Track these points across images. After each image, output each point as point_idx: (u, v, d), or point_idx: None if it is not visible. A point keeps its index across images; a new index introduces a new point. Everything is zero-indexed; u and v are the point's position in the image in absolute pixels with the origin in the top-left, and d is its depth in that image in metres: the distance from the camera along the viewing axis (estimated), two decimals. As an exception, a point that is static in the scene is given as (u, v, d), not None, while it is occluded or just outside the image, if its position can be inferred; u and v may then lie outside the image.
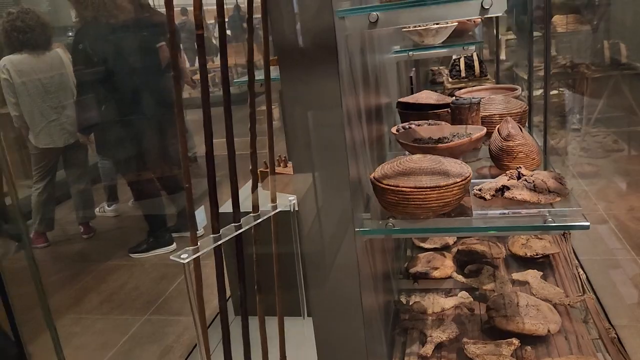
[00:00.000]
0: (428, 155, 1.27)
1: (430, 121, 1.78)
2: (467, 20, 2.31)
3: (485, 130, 1.49)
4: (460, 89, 3.62)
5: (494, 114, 1.72)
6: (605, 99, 3.91)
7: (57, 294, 3.25)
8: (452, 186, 1.15)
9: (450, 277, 1.80)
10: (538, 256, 1.87)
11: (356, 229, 1.17)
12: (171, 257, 1.39)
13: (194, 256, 1.40)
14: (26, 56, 3.52)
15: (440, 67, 4.31)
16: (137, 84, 3.34)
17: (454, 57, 3.66)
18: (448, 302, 1.66)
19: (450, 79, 3.55)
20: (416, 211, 1.17)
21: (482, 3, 1.02)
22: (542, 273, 1.79)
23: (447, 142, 1.45)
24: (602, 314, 2.05)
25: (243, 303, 1.60)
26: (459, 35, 2.24)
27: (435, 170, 1.19)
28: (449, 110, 1.69)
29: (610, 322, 2.02)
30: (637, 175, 3.55)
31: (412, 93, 2.99)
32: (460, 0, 1.04)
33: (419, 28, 2.07)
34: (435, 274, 1.81)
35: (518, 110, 1.73)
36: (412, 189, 1.15)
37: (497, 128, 1.50)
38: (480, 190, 1.22)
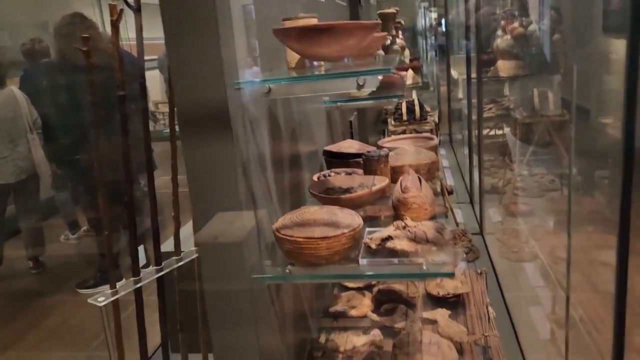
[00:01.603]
0: (325, 207, 1.41)
1: (349, 169, 1.93)
2: (394, 73, 2.49)
3: (387, 181, 1.64)
4: (401, 132, 3.83)
5: (405, 165, 1.88)
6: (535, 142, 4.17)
7: (1, 330, 3.25)
8: (340, 237, 1.28)
9: (366, 316, 1.92)
10: (449, 295, 2.01)
11: (256, 275, 1.29)
12: (89, 300, 1.48)
13: (112, 299, 1.50)
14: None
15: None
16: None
17: (397, 101, 3.88)
18: (360, 340, 1.77)
19: (393, 122, 3.74)
20: (309, 259, 1.30)
21: (357, 80, 1.17)
22: (450, 312, 1.92)
23: (351, 193, 1.59)
24: (517, 350, 2.20)
25: (165, 341, 1.69)
26: (388, 87, 2.42)
27: (327, 222, 1.32)
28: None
29: (523, 358, 2.17)
30: (563, 214, 3.78)
31: (352, 137, 3.17)
32: (339, 77, 1.19)
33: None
34: (353, 312, 1.93)
35: (427, 162, 1.90)
36: (304, 239, 1.28)
37: (399, 180, 1.66)
38: (370, 239, 1.35)
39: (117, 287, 1.51)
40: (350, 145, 2.10)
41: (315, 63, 1.35)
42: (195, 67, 1.13)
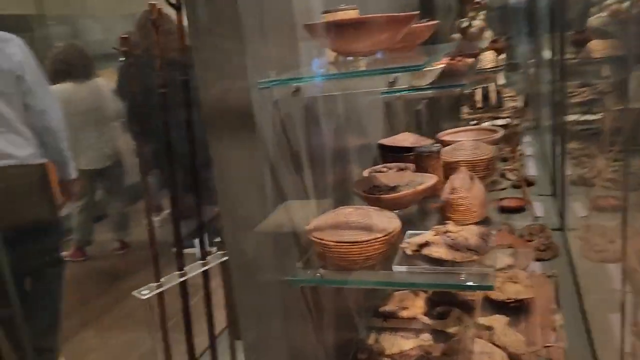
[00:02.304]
0: (361, 209, 1.35)
1: (402, 165, 1.84)
2: (457, 60, 2.35)
3: (435, 180, 1.54)
4: (475, 119, 3.63)
5: (461, 160, 1.77)
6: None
7: (84, 307, 3.49)
8: (372, 241, 1.22)
9: (416, 318, 1.84)
10: (510, 300, 1.88)
11: (287, 277, 1.27)
12: (133, 293, 1.53)
13: (156, 292, 1.54)
14: (68, 85, 3.83)
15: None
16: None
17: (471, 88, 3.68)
18: (408, 344, 1.70)
19: (466, 110, 3.56)
20: (341, 263, 1.25)
21: (388, 78, 1.10)
22: (508, 319, 1.80)
23: (396, 192, 1.51)
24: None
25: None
26: (450, 75, 2.29)
27: (360, 225, 1.27)
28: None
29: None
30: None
31: (419, 128, 3.05)
32: (369, 75, 1.12)
33: (404, 71, 2.14)
34: (404, 313, 1.86)
35: (485, 157, 1.77)
36: (335, 243, 1.23)
37: (449, 179, 1.56)
38: (407, 244, 1.28)
39: (162, 280, 1.55)
40: (405, 139, 2.00)
41: (351, 58, 1.28)
42: (219, 67, 1.11)
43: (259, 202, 1.18)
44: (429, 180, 1.55)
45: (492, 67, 4.82)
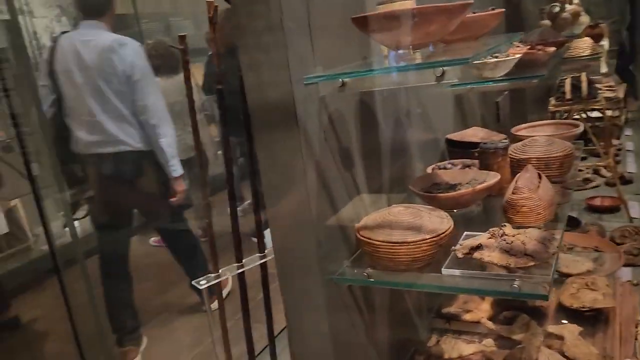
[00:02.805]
0: (412, 208, 1.30)
1: (468, 161, 1.76)
2: (537, 49, 2.20)
3: (497, 178, 1.45)
4: (565, 112, 3.40)
5: (532, 158, 1.65)
6: None
7: (167, 290, 3.69)
8: (419, 242, 1.17)
9: (479, 322, 1.75)
10: (585, 309, 1.74)
11: (333, 276, 1.25)
12: (192, 282, 1.59)
13: (214, 282, 1.58)
14: (158, 80, 4.04)
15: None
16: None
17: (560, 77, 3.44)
18: (468, 349, 1.63)
19: (554, 101, 3.33)
20: (388, 264, 1.21)
21: (434, 72, 1.04)
22: (582, 329, 1.66)
23: (455, 190, 1.44)
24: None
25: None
26: (528, 65, 2.14)
27: (409, 225, 1.22)
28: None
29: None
30: None
31: (498, 121, 2.89)
32: (417, 69, 1.07)
33: (476, 62, 2.03)
34: (467, 317, 1.78)
35: (559, 154, 1.64)
36: (381, 243, 1.19)
37: (515, 177, 1.46)
38: (460, 246, 1.22)
39: (220, 271, 1.59)
40: (474, 134, 1.91)
41: (402, 51, 1.23)
42: (262, 63, 1.11)
43: (303, 199, 1.17)
44: (491, 178, 1.46)
45: (588, 55, 4.47)
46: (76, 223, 4.37)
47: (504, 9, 1.48)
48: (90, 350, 2.70)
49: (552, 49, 2.21)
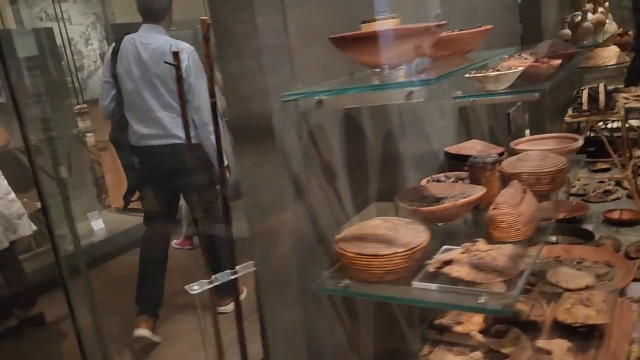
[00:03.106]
0: (391, 221, 1.33)
1: (463, 174, 1.77)
2: (542, 62, 2.20)
3: (481, 193, 1.47)
4: (579, 124, 3.35)
5: (523, 172, 1.66)
6: None
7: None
8: (392, 256, 1.20)
9: (469, 334, 1.76)
10: (578, 325, 1.73)
11: (313, 286, 1.29)
12: (185, 287, 1.65)
13: (206, 287, 1.64)
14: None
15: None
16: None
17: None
18: (455, 360, 1.65)
19: (570, 112, 3.29)
20: (363, 275, 1.25)
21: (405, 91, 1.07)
22: (571, 344, 1.65)
23: (439, 204, 1.47)
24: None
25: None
26: (531, 78, 2.14)
27: (384, 238, 1.25)
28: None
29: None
30: None
31: (509, 133, 2.88)
32: (387, 89, 1.11)
33: (478, 75, 2.04)
34: (458, 328, 1.79)
35: (551, 169, 1.64)
36: (356, 255, 1.23)
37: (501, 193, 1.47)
38: (432, 261, 1.24)
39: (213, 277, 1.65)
40: (471, 147, 1.92)
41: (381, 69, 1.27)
42: (242, 81, 1.17)
43: (282, 213, 1.22)
44: (476, 193, 1.48)
45: (614, 64, 4.39)
46: (100, 223, 4.54)
47: (491, 26, 1.50)
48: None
49: (558, 61, 2.21)
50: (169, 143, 2.90)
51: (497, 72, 2.01)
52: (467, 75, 2.09)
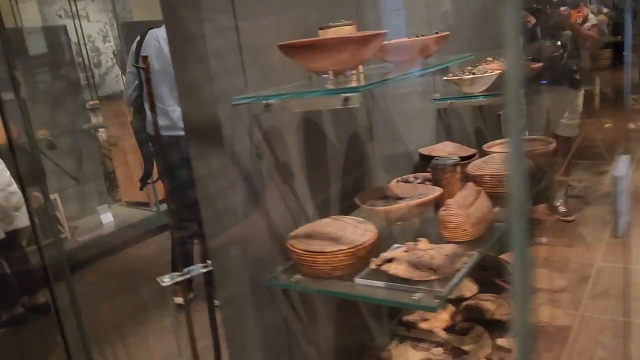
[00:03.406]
0: (340, 220, 1.39)
1: (430, 175, 1.82)
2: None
3: (437, 194, 1.52)
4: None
5: (486, 174, 1.70)
6: None
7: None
8: (336, 252, 1.26)
9: (432, 331, 1.81)
10: (543, 324, 1.76)
11: (267, 279, 1.36)
12: (157, 279, 1.73)
13: (177, 279, 1.72)
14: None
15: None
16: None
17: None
18: (415, 356, 1.69)
19: (567, 114, 3.29)
20: (310, 271, 1.31)
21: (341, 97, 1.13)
22: (530, 344, 1.68)
23: (395, 204, 1.52)
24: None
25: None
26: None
27: (330, 236, 1.31)
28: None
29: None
30: None
31: (500, 134, 2.89)
32: (325, 94, 1.16)
33: (454, 78, 2.08)
34: (422, 325, 1.84)
35: (512, 172, 1.67)
36: (302, 251, 1.29)
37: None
38: (376, 258, 1.30)
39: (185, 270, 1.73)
40: (443, 148, 1.96)
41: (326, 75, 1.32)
42: (193, 86, 1.24)
43: (237, 214, 1.29)
44: (433, 194, 1.53)
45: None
46: (109, 216, 4.66)
47: (448, 32, 1.54)
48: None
49: (539, 64, 2.23)
50: (176, 135, 2.98)
51: (472, 76, 2.05)
52: (445, 77, 2.14)
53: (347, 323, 1.70)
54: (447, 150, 1.94)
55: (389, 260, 1.26)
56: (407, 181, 1.83)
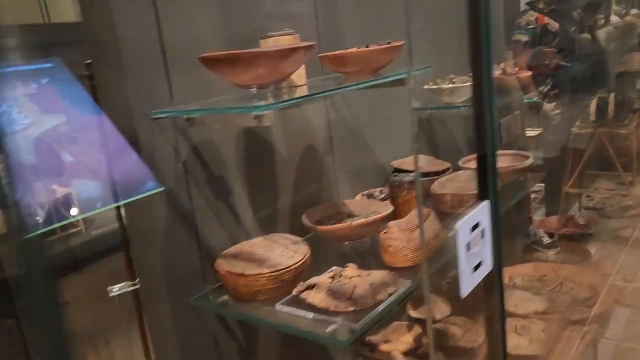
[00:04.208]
0: (270, 239, 1.32)
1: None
2: (509, 75, 2.10)
3: (385, 213, 1.43)
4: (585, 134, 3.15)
5: (448, 193, 1.60)
6: None
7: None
8: (257, 276, 1.20)
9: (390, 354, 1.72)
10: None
11: (192, 301, 1.31)
12: (107, 288, 1.71)
13: (127, 289, 1.69)
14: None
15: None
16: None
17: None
18: (369, 381, 1.61)
19: (579, 122, 3.11)
20: (234, 293, 1.25)
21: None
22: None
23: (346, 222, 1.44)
24: None
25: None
26: (500, 91, 2.05)
27: (256, 257, 1.25)
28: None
29: None
30: None
31: (500, 144, 2.75)
32: (239, 111, 1.10)
33: (434, 87, 1.97)
34: (383, 347, 1.75)
35: (475, 192, 1.56)
36: (226, 273, 1.24)
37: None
38: (300, 284, 1.23)
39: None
40: (414, 161, 1.86)
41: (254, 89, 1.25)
42: (112, 98, 1.19)
43: (157, 231, 1.24)
44: (382, 212, 1.44)
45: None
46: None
47: (403, 42, 1.45)
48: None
49: (528, 73, 2.11)
50: None
51: (451, 85, 1.94)
52: (425, 86, 2.04)
53: (303, 342, 1.63)
54: (419, 163, 1.84)
55: (311, 287, 1.19)
56: (371, 195, 1.74)
